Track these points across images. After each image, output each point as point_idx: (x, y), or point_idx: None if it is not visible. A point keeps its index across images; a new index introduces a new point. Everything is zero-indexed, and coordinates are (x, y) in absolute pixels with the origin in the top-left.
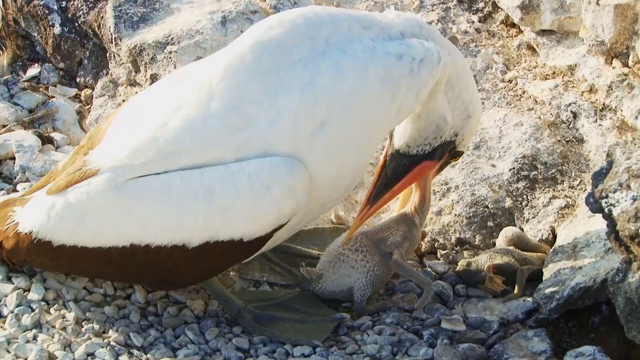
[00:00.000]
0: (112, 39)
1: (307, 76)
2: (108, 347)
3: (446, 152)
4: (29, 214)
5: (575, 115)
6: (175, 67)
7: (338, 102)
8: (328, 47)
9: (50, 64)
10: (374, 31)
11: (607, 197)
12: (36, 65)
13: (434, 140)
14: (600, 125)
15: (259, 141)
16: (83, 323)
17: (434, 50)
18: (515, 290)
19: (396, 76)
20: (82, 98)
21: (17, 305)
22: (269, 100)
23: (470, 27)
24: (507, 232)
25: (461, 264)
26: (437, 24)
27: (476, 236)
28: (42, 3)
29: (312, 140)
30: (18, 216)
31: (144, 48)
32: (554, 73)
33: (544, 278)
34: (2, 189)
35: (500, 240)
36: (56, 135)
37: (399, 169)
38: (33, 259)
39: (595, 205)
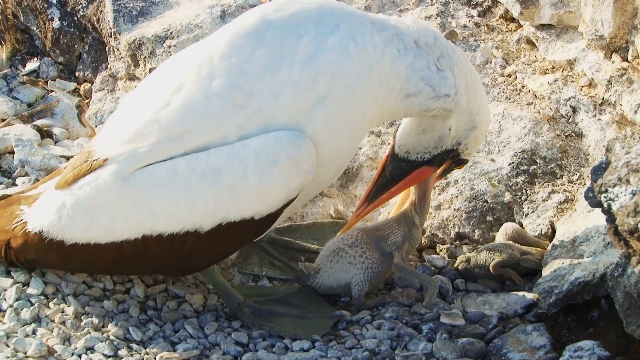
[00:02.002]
0: (111, 33)
1: (311, 50)
2: (107, 342)
3: (447, 159)
4: (38, 212)
5: (574, 110)
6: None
7: (341, 80)
8: (337, 30)
9: (50, 58)
10: (386, 34)
11: (606, 191)
12: (35, 59)
13: (435, 149)
14: (599, 119)
15: (262, 116)
16: (82, 317)
17: (423, 96)
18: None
19: (389, 87)
20: (81, 92)
21: (17, 300)
22: (271, 74)
23: (469, 21)
24: (507, 228)
25: (460, 260)
26: (436, 18)
27: (475, 231)
28: None
29: (311, 113)
30: (26, 215)
31: (143, 42)
32: (553, 67)
33: (543, 273)
34: (1, 183)
35: (500, 237)
36: (55, 130)
37: (397, 171)
38: (43, 257)
39: (594, 199)
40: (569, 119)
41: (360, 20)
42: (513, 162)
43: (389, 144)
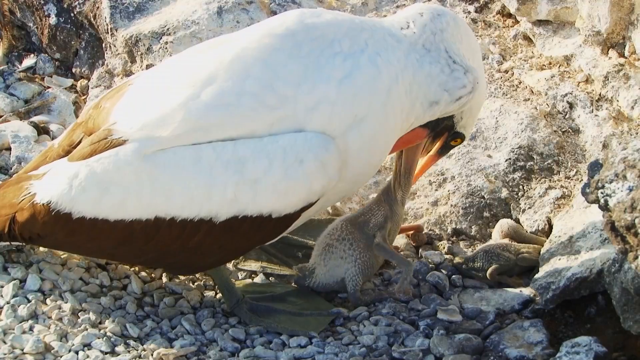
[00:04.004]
0: (107, 30)
1: (347, 68)
2: (104, 338)
3: (442, 125)
4: (49, 183)
5: (571, 106)
6: (169, 57)
7: (376, 98)
8: (367, 47)
9: (46, 55)
10: (404, 45)
11: (603, 187)
12: (32, 55)
13: None
14: (596, 115)
15: (295, 121)
16: (79, 314)
17: (443, 102)
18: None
19: (414, 96)
20: (78, 88)
21: (14, 296)
22: (307, 85)
23: (466, 17)
24: (503, 225)
25: (457, 261)
26: None
27: (472, 227)
28: None
29: (347, 135)
30: (35, 187)
31: (139, 38)
32: (550, 63)
33: (540, 269)
34: None
35: (496, 234)
36: (52, 126)
37: None
38: (48, 233)
39: (591, 195)
40: (565, 114)
41: (382, 34)
42: (510, 158)
43: None
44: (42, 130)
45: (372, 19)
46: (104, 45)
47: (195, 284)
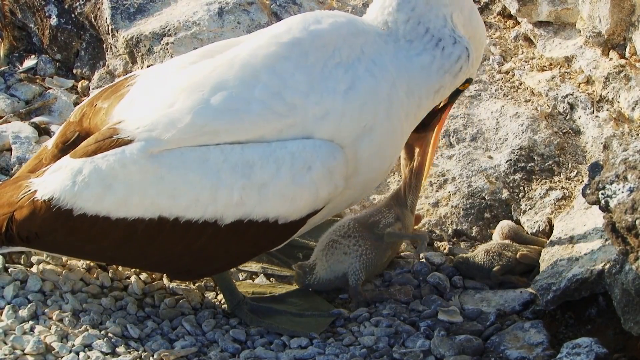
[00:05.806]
0: (108, 30)
1: (349, 80)
2: (105, 339)
3: None
4: (51, 178)
5: (572, 107)
6: (172, 59)
7: (380, 108)
8: (363, 55)
9: (47, 55)
10: (390, 46)
11: (603, 188)
12: (33, 56)
13: None
14: (597, 116)
15: (303, 129)
16: (80, 314)
17: (448, 83)
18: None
19: (417, 97)
20: (79, 89)
21: (14, 297)
22: (315, 95)
23: None
24: (503, 227)
25: (457, 260)
26: None
27: (473, 228)
28: None
29: (357, 144)
30: (35, 184)
31: (140, 39)
32: (550, 64)
33: (540, 270)
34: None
35: (496, 235)
36: (53, 127)
37: None
38: (47, 232)
39: (592, 196)
40: (566, 116)
41: (373, 37)
42: (510, 159)
43: None
44: (43, 131)
45: (361, 17)
46: (104, 46)
47: (196, 284)
